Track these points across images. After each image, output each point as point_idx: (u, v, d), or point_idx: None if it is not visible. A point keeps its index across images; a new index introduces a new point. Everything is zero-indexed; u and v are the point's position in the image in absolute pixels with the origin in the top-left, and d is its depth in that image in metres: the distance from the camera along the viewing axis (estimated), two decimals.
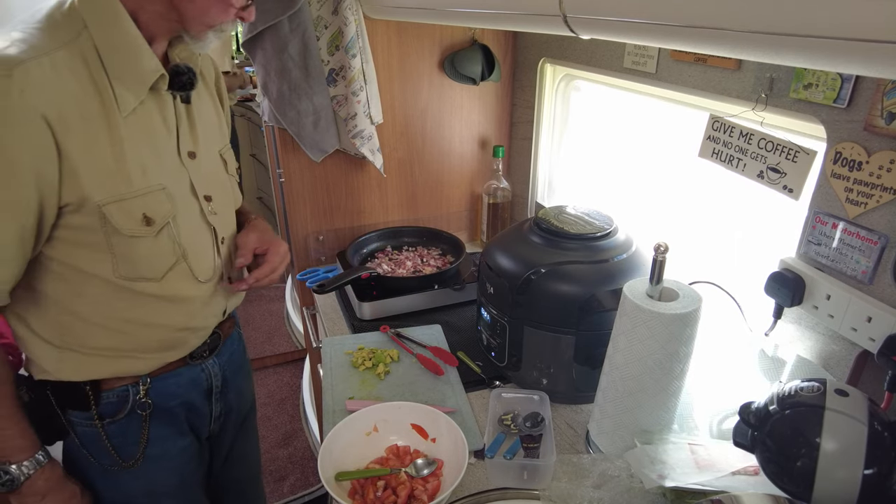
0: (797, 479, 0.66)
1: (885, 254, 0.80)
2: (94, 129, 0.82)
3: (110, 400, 0.97)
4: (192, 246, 0.96)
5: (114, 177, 0.84)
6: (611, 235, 1.09)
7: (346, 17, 1.39)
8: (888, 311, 0.80)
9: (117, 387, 0.97)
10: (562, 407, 1.11)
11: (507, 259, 1.10)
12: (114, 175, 0.84)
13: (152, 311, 0.94)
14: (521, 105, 1.71)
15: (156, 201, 0.89)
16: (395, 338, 1.31)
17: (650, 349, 0.83)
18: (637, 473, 0.81)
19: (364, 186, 1.69)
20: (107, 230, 0.85)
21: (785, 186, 0.90)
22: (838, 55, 0.44)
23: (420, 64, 1.60)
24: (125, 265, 0.89)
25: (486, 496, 0.90)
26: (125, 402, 0.98)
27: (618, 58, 1.25)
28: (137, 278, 0.90)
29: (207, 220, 0.99)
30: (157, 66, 0.87)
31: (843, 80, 0.81)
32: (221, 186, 1.04)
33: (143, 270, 0.90)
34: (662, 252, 0.82)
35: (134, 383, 0.98)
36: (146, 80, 0.87)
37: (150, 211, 0.88)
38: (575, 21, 0.70)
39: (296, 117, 1.48)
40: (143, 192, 0.87)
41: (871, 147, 0.79)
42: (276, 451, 2.35)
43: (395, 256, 1.64)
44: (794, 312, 0.95)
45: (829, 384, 0.68)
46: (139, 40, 0.85)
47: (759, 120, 0.94)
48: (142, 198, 0.87)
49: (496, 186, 1.69)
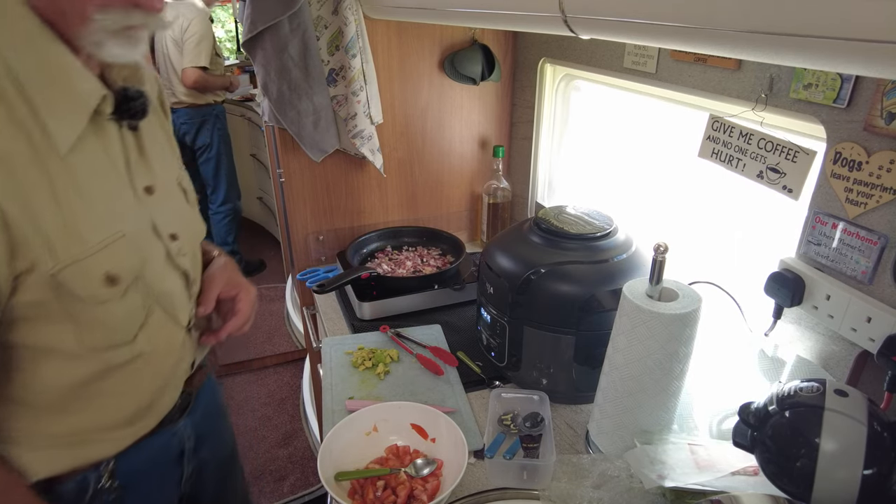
0: (797, 479, 0.66)
1: (885, 254, 0.80)
2: (27, 180, 0.65)
3: (66, 492, 0.79)
4: (163, 296, 0.83)
5: (63, 236, 0.68)
6: (611, 235, 1.09)
7: (346, 16, 1.39)
8: (888, 311, 0.80)
9: (74, 477, 0.80)
10: (561, 407, 1.11)
11: (507, 259, 1.10)
12: (62, 233, 0.68)
13: (122, 378, 0.79)
14: (521, 105, 1.71)
15: (117, 254, 0.74)
16: (394, 338, 1.31)
17: (650, 349, 0.83)
18: (637, 473, 0.81)
19: (364, 186, 1.69)
20: (63, 300, 0.70)
21: (785, 186, 0.90)
22: (838, 55, 0.44)
23: (420, 64, 1.60)
24: (91, 334, 0.74)
25: (486, 496, 0.90)
26: (84, 492, 0.81)
27: (618, 58, 1.25)
28: (108, 346, 0.76)
29: (175, 262, 0.85)
30: (95, 85, 0.71)
31: (842, 81, 0.81)
32: (186, 221, 0.89)
33: (114, 336, 0.77)
34: (662, 252, 0.82)
35: (95, 467, 0.81)
36: (85, 106, 0.70)
37: (114, 267, 0.73)
38: (574, 21, 0.70)
39: (296, 117, 1.48)
40: (101, 247, 0.72)
41: (870, 147, 0.79)
42: (275, 451, 2.35)
43: (395, 256, 1.64)
44: (793, 313, 0.95)
45: (828, 384, 0.68)
46: (66, 57, 0.68)
47: (759, 120, 0.94)
48: (100, 254, 0.71)
49: (496, 186, 1.69)
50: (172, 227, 0.85)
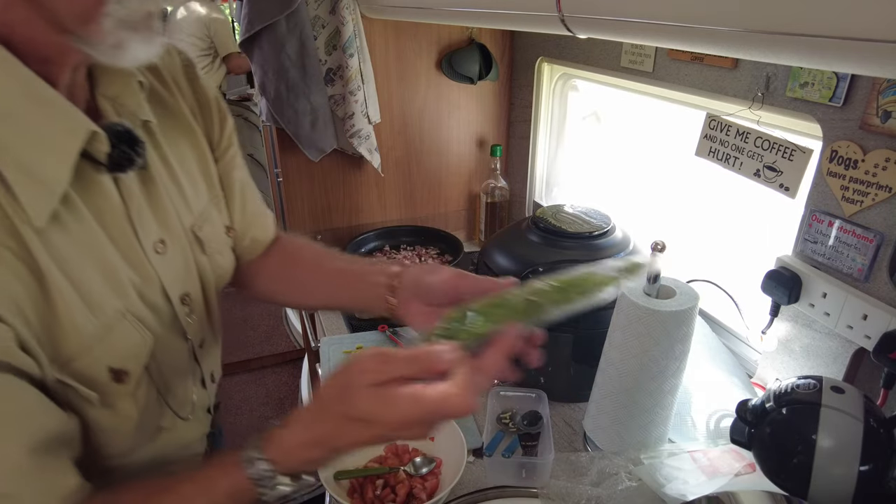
0: (794, 475, 0.66)
1: (881, 251, 0.81)
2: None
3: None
4: (172, 374, 0.69)
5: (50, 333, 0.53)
6: (609, 234, 1.09)
7: (344, 16, 1.39)
8: (884, 308, 0.80)
9: None
10: (560, 405, 1.11)
11: (505, 258, 1.10)
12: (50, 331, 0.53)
13: None
14: (518, 104, 1.72)
15: (123, 339, 0.59)
16: (393, 337, 1.31)
17: (645, 346, 0.84)
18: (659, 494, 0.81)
19: (362, 186, 1.69)
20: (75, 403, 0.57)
21: (781, 185, 0.90)
22: (834, 54, 0.44)
23: (418, 63, 1.60)
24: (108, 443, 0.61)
25: (485, 494, 0.90)
26: None
27: (615, 57, 1.25)
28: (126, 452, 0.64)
29: (184, 329, 0.69)
30: (79, 121, 0.53)
31: (838, 79, 0.81)
32: (203, 273, 0.73)
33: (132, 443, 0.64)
34: (660, 250, 0.82)
35: None
36: (66, 154, 0.52)
37: (118, 360, 0.58)
38: (572, 20, 0.71)
39: (293, 117, 1.48)
40: (99, 338, 0.56)
41: (866, 145, 0.80)
42: None
43: (393, 256, 1.65)
44: (790, 310, 0.95)
45: (825, 381, 0.69)
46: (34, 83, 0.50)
47: (756, 118, 0.94)
48: (98, 346, 0.56)
49: (494, 185, 1.70)
50: (184, 287, 0.69)
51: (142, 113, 0.63)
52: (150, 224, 0.64)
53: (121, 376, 0.59)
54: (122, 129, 0.58)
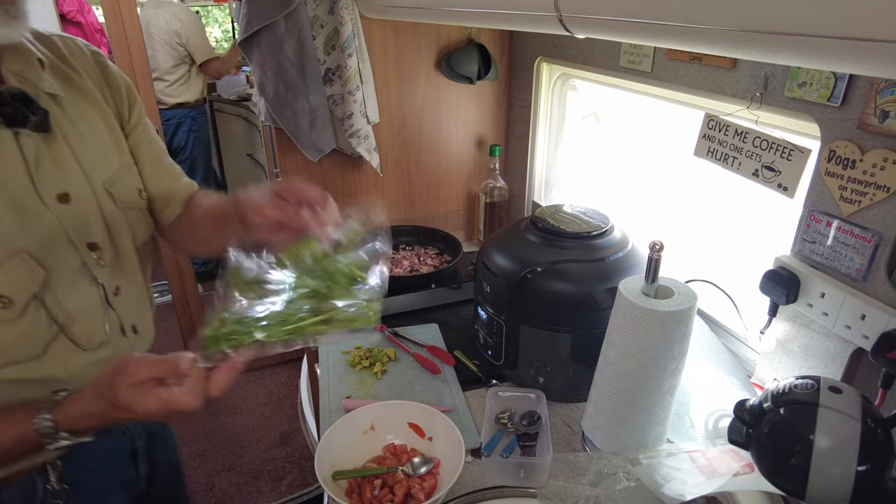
0: (791, 475, 0.66)
1: (879, 251, 0.81)
2: None
3: (12, 497, 0.78)
4: (77, 310, 0.79)
5: None
6: (607, 234, 1.09)
7: (343, 16, 1.39)
8: (882, 308, 0.80)
9: (19, 482, 0.78)
10: (558, 405, 1.11)
11: (504, 258, 1.10)
12: None
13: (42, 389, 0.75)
14: (517, 104, 1.72)
15: (11, 272, 0.71)
16: (392, 337, 1.31)
17: (644, 346, 0.84)
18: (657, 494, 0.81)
19: (361, 186, 1.69)
20: None
21: (780, 185, 0.90)
22: (832, 54, 0.44)
23: (416, 63, 1.60)
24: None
25: (483, 494, 0.90)
26: (32, 497, 0.79)
27: (614, 57, 1.25)
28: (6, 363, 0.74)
29: (92, 273, 0.81)
30: None
31: (836, 79, 0.81)
32: (114, 227, 0.85)
33: (13, 355, 0.74)
34: (658, 250, 0.82)
35: (41, 470, 0.79)
36: None
37: (4, 287, 0.70)
38: (570, 20, 0.71)
39: (292, 117, 1.48)
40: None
41: (864, 145, 0.80)
42: (273, 451, 2.35)
43: (392, 255, 1.64)
44: (788, 310, 0.95)
45: (822, 381, 0.69)
46: None
47: (754, 118, 0.94)
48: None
49: (493, 185, 1.70)
50: (91, 236, 0.80)
51: (43, 85, 0.76)
52: (51, 178, 0.76)
53: (5, 303, 0.71)
54: (18, 92, 0.71)
